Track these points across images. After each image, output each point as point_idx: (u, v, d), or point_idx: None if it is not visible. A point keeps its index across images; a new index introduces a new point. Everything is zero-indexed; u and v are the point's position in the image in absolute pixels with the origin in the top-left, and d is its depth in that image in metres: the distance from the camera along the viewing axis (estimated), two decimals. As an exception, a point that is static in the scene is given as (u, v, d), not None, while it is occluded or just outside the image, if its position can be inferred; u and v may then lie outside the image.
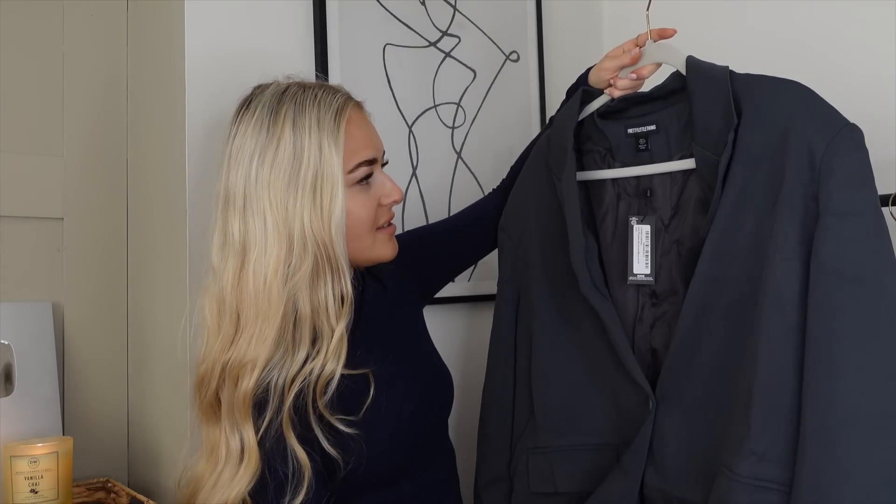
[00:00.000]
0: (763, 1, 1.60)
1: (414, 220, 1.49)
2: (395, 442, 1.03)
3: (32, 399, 1.32)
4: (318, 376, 0.96)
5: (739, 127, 0.96)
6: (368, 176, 1.05)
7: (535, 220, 1.19)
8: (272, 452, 0.95)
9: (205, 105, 1.29)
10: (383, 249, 1.09)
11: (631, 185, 1.12)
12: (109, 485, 1.35)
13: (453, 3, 1.59)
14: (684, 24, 1.71)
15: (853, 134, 0.91)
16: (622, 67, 1.13)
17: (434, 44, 1.56)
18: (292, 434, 0.95)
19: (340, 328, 0.98)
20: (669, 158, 1.07)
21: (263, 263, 0.96)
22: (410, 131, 1.51)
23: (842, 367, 0.85)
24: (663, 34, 1.12)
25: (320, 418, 0.96)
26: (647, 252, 1.08)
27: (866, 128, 1.46)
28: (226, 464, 0.96)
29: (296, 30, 1.39)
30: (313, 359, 0.96)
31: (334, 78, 1.40)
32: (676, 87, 1.06)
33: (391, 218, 1.10)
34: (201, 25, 1.30)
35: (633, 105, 1.11)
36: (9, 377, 1.31)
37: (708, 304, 0.97)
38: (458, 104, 1.59)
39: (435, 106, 1.55)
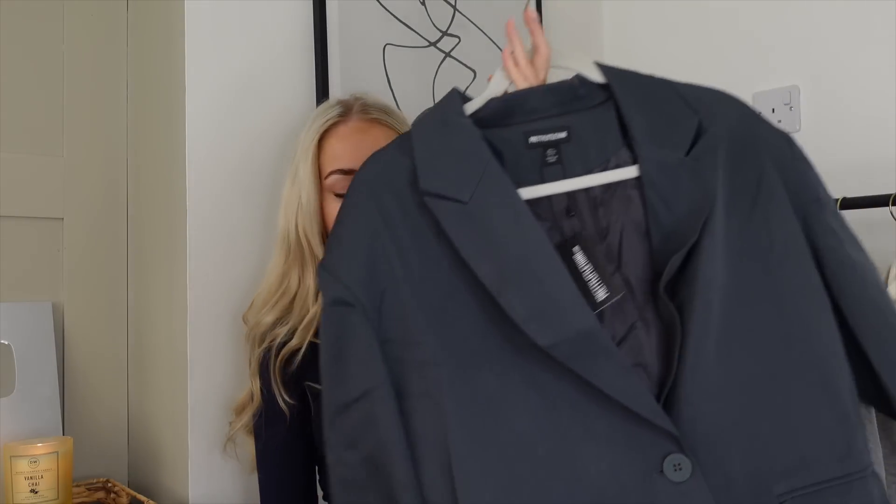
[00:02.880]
0: (763, 0, 1.60)
1: (414, 220, 1.49)
2: None
3: (32, 399, 1.32)
4: (283, 344, 1.11)
5: (701, 127, 0.85)
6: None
7: (403, 274, 0.82)
8: (262, 388, 1.14)
9: (205, 104, 1.29)
10: None
11: (543, 206, 0.86)
12: (109, 485, 1.35)
13: (453, 3, 1.59)
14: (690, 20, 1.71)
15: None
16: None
17: (434, 44, 1.56)
18: (253, 378, 1.15)
19: (314, 311, 1.11)
20: (587, 171, 0.86)
21: (276, 242, 1.17)
22: (410, 131, 1.51)
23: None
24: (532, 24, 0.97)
25: (277, 379, 1.12)
26: (592, 274, 0.84)
27: (867, 128, 1.46)
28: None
29: (296, 29, 1.39)
30: (282, 325, 1.12)
31: (334, 78, 1.40)
32: (581, 92, 0.88)
33: None
34: (201, 24, 1.30)
35: (518, 112, 0.88)
36: None
37: (715, 311, 0.80)
38: (458, 104, 1.59)
39: (435, 106, 1.55)
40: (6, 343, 1.32)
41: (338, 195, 1.14)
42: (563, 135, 0.86)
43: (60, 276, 1.43)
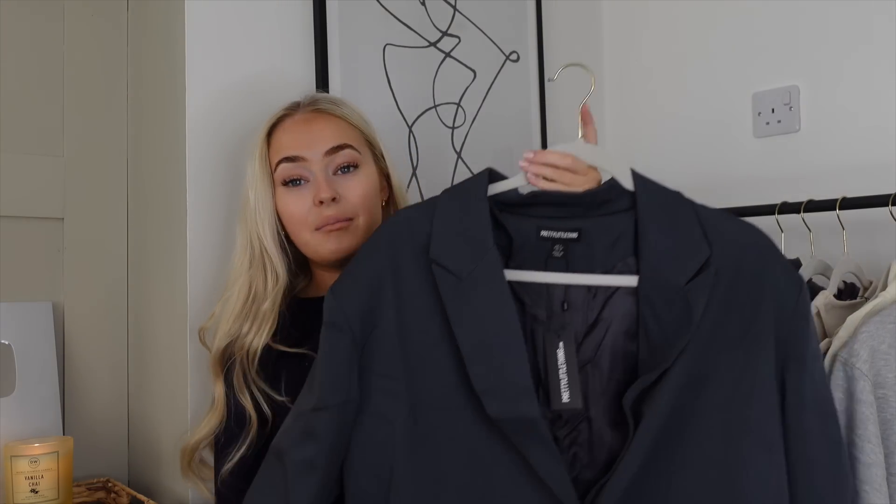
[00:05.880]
0: (763, 0, 1.60)
1: (414, 220, 1.49)
2: None
3: (32, 399, 1.32)
4: (248, 348, 1.10)
5: (711, 258, 0.90)
6: (297, 179, 1.11)
7: (395, 318, 0.91)
8: (229, 407, 1.10)
9: (205, 104, 1.29)
10: (320, 247, 1.11)
11: (539, 294, 0.91)
12: (109, 485, 1.35)
13: (453, 3, 1.59)
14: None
15: (806, 287, 0.94)
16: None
17: (434, 44, 1.56)
18: (242, 394, 1.09)
19: (265, 307, 1.10)
20: (591, 271, 0.91)
21: (236, 247, 1.15)
22: (410, 131, 1.51)
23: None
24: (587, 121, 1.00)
25: (255, 384, 1.09)
26: (565, 374, 0.90)
27: (867, 128, 1.46)
28: (208, 410, 1.14)
29: (296, 29, 1.39)
30: (246, 334, 1.10)
31: (334, 78, 1.40)
32: (608, 197, 0.93)
33: (328, 220, 1.09)
34: (201, 24, 1.30)
35: (543, 205, 0.93)
36: None
37: (666, 434, 0.86)
38: (458, 104, 1.59)
39: (435, 106, 1.55)
40: (6, 343, 1.32)
41: (286, 183, 1.11)
42: (573, 235, 0.92)
43: (60, 276, 1.43)
